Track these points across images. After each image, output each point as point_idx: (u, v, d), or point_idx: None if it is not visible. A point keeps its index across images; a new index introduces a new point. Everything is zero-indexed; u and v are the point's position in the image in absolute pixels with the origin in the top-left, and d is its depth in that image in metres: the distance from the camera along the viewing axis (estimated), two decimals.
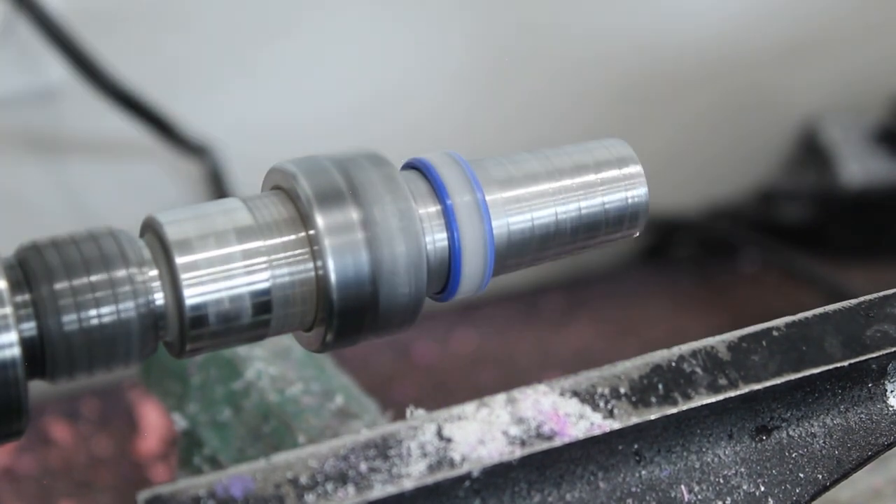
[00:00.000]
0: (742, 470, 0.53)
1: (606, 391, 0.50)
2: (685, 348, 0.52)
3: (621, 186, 0.58)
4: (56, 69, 1.19)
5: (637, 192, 0.58)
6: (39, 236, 0.52)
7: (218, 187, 1.26)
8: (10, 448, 1.19)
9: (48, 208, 1.26)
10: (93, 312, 0.50)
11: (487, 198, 0.55)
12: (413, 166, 0.56)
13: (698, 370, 0.52)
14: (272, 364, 0.76)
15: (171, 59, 1.25)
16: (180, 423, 0.77)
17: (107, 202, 1.28)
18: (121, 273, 0.50)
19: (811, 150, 1.56)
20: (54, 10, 1.15)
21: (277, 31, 1.28)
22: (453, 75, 1.38)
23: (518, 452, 0.48)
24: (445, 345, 1.38)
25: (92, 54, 1.16)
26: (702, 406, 0.51)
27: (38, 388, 0.51)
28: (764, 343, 0.53)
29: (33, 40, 1.17)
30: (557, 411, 0.50)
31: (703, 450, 0.53)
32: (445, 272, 0.56)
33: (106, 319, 0.50)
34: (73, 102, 1.22)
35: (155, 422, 1.24)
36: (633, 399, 0.50)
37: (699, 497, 0.52)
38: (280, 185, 0.54)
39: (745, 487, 0.53)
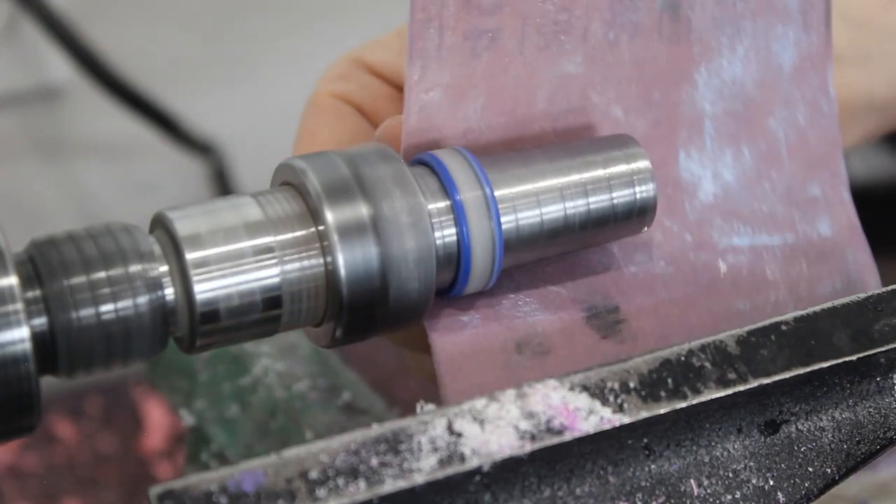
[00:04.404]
0: (751, 464, 0.53)
1: (616, 386, 0.50)
2: (694, 343, 0.52)
3: (630, 182, 0.58)
4: (60, 68, 1.19)
5: (646, 188, 0.58)
6: (49, 232, 0.52)
7: (223, 185, 1.27)
8: (14, 445, 1.19)
9: (53, 207, 1.26)
10: (104, 308, 0.50)
11: (496, 193, 0.55)
12: (422, 162, 0.57)
13: (707, 364, 0.52)
14: (279, 360, 0.76)
15: (175, 58, 1.25)
16: (188, 419, 0.77)
17: (112, 201, 1.28)
18: (131, 268, 0.50)
19: None
20: (58, 9, 1.15)
21: (282, 29, 1.28)
22: None
23: (528, 447, 0.48)
24: None
25: (96, 52, 1.16)
26: (711, 400, 0.51)
27: (42, 385, 0.51)
28: (772, 337, 0.53)
29: (37, 39, 1.17)
30: (567, 406, 0.50)
31: (713, 444, 0.53)
32: (454, 268, 0.56)
33: (117, 315, 0.50)
34: (78, 101, 1.22)
35: (159, 419, 1.25)
36: (643, 393, 0.50)
37: (708, 491, 0.52)
38: (289, 181, 0.55)
39: (754, 481, 0.53)
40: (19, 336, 0.48)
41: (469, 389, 0.53)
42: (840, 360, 0.53)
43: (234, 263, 0.52)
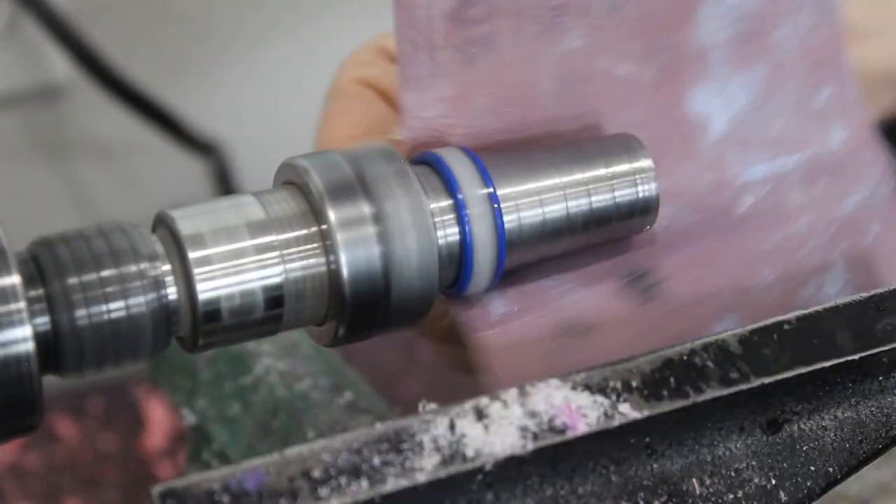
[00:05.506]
0: (753, 463, 0.53)
1: (618, 385, 0.50)
2: (697, 342, 0.52)
3: (633, 181, 0.58)
4: (62, 67, 1.19)
5: (648, 187, 0.58)
6: (51, 232, 0.52)
7: (225, 185, 1.27)
8: (15, 445, 1.19)
9: (54, 206, 1.26)
10: (106, 307, 0.50)
11: (499, 192, 0.55)
12: (424, 161, 0.57)
13: (710, 364, 0.52)
14: (281, 359, 0.76)
15: (177, 56, 1.25)
16: (189, 418, 0.77)
17: (113, 200, 1.28)
18: (134, 268, 0.50)
19: None
20: (59, 7, 1.15)
21: (286, 28, 1.28)
22: None
23: (530, 446, 0.48)
24: None
25: (98, 51, 1.16)
26: (713, 399, 0.51)
27: (43, 384, 0.51)
28: (775, 336, 0.53)
29: (39, 37, 1.17)
30: (570, 405, 0.50)
31: (715, 443, 0.53)
32: (457, 267, 0.56)
33: (120, 314, 0.50)
34: (79, 100, 1.22)
35: (161, 418, 1.25)
36: (645, 392, 0.50)
37: (711, 490, 0.52)
38: (292, 180, 0.55)
39: (756, 481, 0.53)
40: (22, 335, 0.48)
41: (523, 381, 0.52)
42: (842, 360, 0.53)
43: (237, 263, 0.52)
